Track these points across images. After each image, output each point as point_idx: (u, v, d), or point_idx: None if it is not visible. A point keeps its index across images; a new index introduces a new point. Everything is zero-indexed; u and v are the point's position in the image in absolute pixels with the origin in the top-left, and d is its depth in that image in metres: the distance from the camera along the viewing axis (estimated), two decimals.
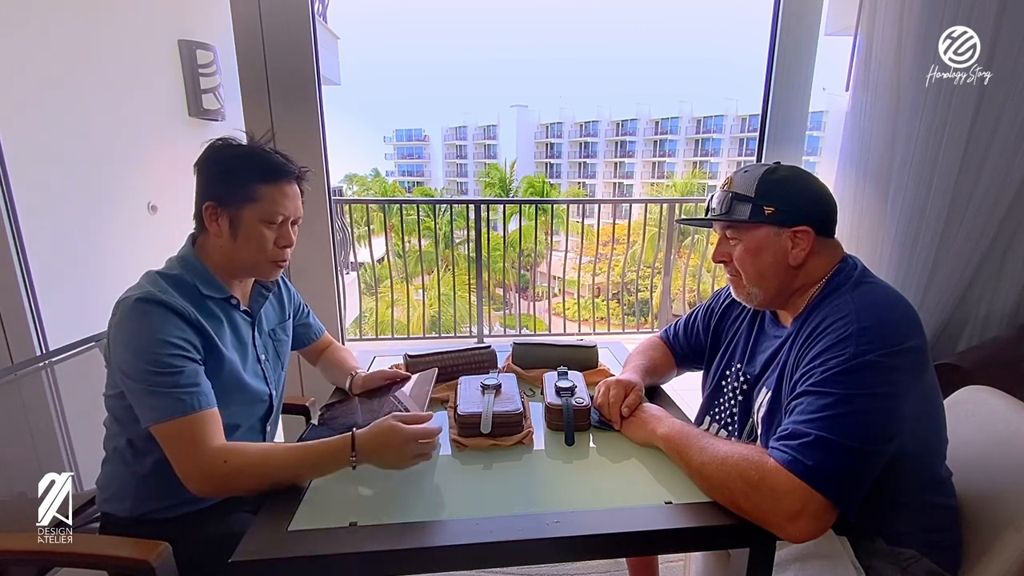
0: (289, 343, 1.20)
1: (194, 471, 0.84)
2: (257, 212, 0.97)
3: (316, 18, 1.64)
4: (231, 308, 1.02)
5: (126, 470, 0.97)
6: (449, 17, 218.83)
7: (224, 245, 0.98)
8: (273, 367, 1.11)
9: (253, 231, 0.97)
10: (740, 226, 0.93)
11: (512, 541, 0.72)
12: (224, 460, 0.84)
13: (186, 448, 0.85)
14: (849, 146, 1.57)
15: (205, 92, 2.55)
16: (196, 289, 0.96)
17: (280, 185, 0.98)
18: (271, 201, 0.97)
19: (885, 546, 0.86)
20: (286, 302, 1.20)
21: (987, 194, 1.43)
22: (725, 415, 1.05)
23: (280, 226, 1.00)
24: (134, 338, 0.87)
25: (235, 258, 0.99)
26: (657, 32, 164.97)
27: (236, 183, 0.96)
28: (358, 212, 5.29)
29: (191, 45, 2.46)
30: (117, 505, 0.98)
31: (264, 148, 1.00)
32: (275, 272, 1.05)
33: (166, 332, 0.87)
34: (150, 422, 0.86)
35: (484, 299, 3.61)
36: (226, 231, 0.97)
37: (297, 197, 1.03)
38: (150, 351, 0.86)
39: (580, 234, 3.97)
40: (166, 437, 0.86)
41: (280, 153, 1.01)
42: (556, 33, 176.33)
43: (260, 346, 1.08)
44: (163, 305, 0.88)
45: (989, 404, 1.02)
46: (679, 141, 43.85)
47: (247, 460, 0.85)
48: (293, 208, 1.01)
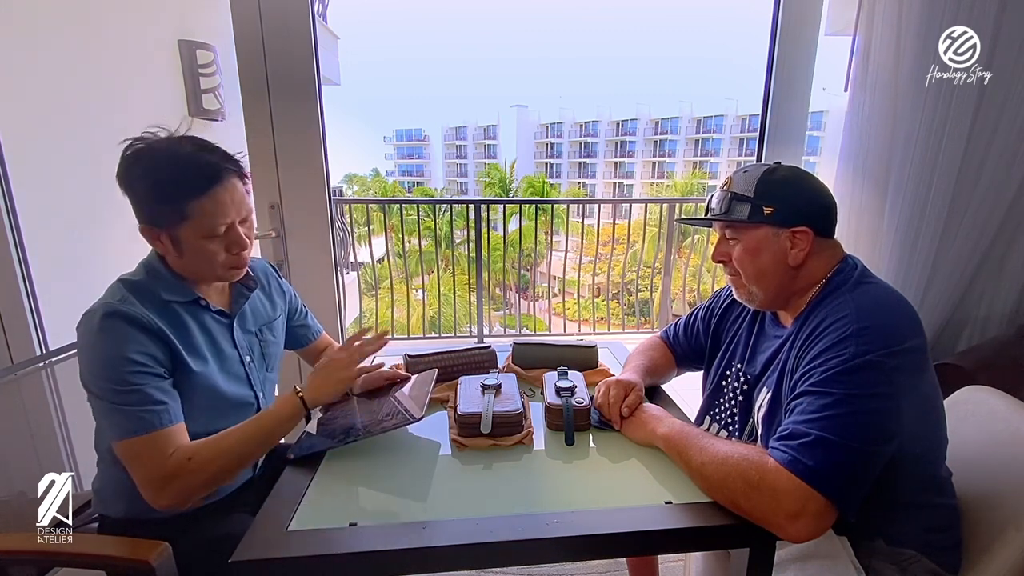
0: (280, 344, 1.15)
1: (157, 485, 0.84)
2: (193, 229, 0.88)
3: (316, 18, 1.64)
4: (200, 310, 0.97)
5: (119, 472, 0.95)
6: (449, 17, 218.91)
7: (175, 261, 0.93)
8: (259, 368, 1.07)
9: (196, 247, 0.90)
10: (739, 226, 0.93)
11: (512, 541, 0.72)
12: (189, 458, 0.85)
13: (147, 463, 0.84)
14: (849, 146, 1.57)
15: (205, 92, 2.55)
16: (159, 295, 0.91)
17: (213, 193, 0.87)
18: (205, 215, 0.87)
19: (885, 546, 0.86)
20: (277, 297, 1.16)
21: (987, 194, 1.43)
22: (725, 415, 1.05)
23: (226, 235, 0.92)
24: (95, 356, 0.85)
25: (191, 271, 0.94)
26: (657, 32, 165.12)
27: (162, 202, 0.86)
28: (358, 212, 5.29)
29: (191, 45, 2.46)
30: (112, 507, 0.98)
31: (185, 149, 0.88)
32: (236, 275, 0.99)
33: (126, 349, 0.84)
34: (111, 438, 0.85)
35: (484, 299, 3.61)
36: (171, 249, 0.90)
37: (239, 194, 0.92)
38: (111, 368, 0.84)
39: (580, 234, 3.97)
40: (127, 453, 0.85)
41: (207, 147, 0.90)
42: (556, 33, 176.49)
43: (243, 346, 1.04)
44: (121, 317, 0.85)
45: (989, 404, 1.02)
46: (679, 141, 43.84)
47: (208, 447, 0.87)
48: (236, 211, 0.91)
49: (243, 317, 1.05)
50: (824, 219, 0.92)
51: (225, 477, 0.90)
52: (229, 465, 0.89)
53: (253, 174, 1.65)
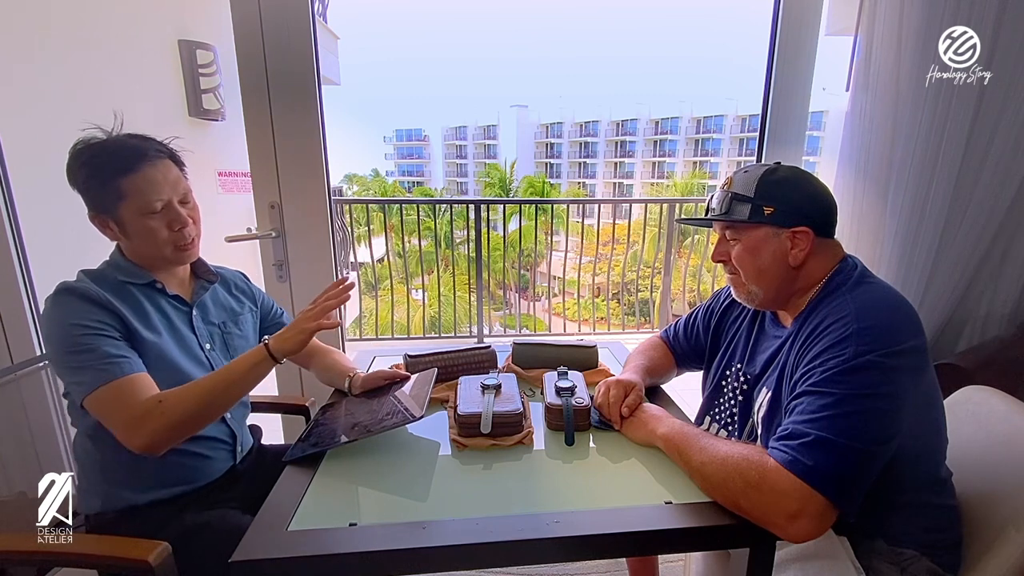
0: (246, 339, 1.17)
1: (133, 429, 0.86)
2: (132, 208, 0.94)
3: (316, 18, 1.64)
4: (156, 293, 1.02)
5: (89, 466, 0.99)
6: (449, 17, 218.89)
7: (126, 245, 0.99)
8: (221, 356, 1.10)
9: (139, 226, 0.96)
10: (739, 226, 0.93)
11: (512, 541, 0.72)
12: (159, 400, 0.88)
13: (118, 408, 0.87)
14: (849, 146, 1.57)
15: (205, 92, 2.55)
16: (115, 278, 0.98)
17: (143, 171, 0.94)
18: (139, 192, 0.94)
19: (885, 546, 0.86)
20: (245, 300, 1.20)
21: (987, 194, 1.43)
22: (725, 415, 1.05)
23: (164, 212, 0.97)
24: (52, 327, 0.90)
25: (141, 253, 1.00)
26: (657, 32, 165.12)
27: (99, 186, 0.93)
28: (358, 212, 5.29)
29: (191, 45, 2.46)
30: (89, 503, 0.99)
31: (116, 138, 0.96)
32: (183, 256, 1.02)
33: (77, 316, 0.89)
34: (79, 396, 0.88)
35: (484, 299, 3.61)
36: (119, 234, 0.97)
37: (172, 174, 0.98)
38: (65, 335, 0.88)
39: (580, 234, 3.97)
40: (97, 405, 0.88)
41: (137, 136, 0.98)
42: (556, 33, 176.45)
43: (203, 334, 1.08)
44: (73, 292, 0.91)
45: (989, 404, 1.02)
46: (679, 141, 43.85)
47: (178, 392, 0.90)
48: (171, 189, 0.97)
49: (203, 307, 1.10)
50: (824, 219, 0.92)
51: (196, 421, 0.92)
52: (199, 408, 0.91)
53: (253, 174, 1.66)
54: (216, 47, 2.58)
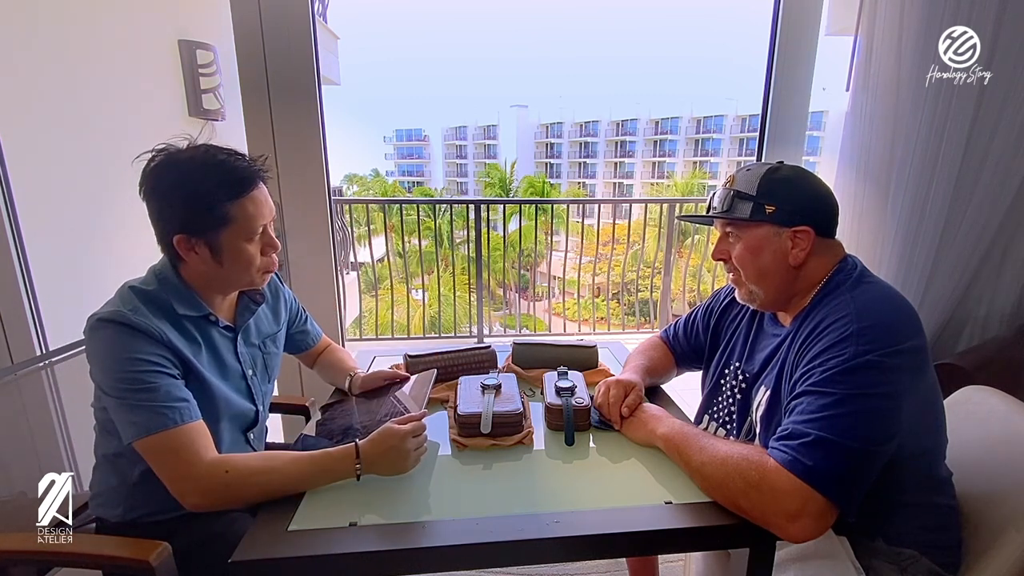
0: (279, 354, 1.15)
1: (190, 486, 0.82)
2: (235, 233, 0.90)
3: (316, 18, 1.64)
4: (209, 325, 0.97)
5: (116, 478, 0.95)
6: (449, 17, 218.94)
7: (208, 270, 0.92)
8: (261, 381, 1.07)
9: (237, 251, 0.91)
10: (741, 224, 0.93)
11: (512, 541, 0.72)
12: (225, 471, 0.82)
13: (174, 463, 0.82)
14: (849, 146, 1.57)
15: (205, 92, 2.54)
16: (171, 307, 0.91)
17: (251, 196, 0.90)
18: (247, 217, 0.90)
19: (885, 546, 0.86)
20: (282, 309, 1.16)
21: (987, 194, 1.43)
22: (723, 413, 1.05)
23: (262, 235, 0.94)
24: (106, 358, 0.84)
25: (223, 279, 0.94)
26: (657, 32, 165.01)
27: (203, 209, 0.87)
28: (358, 212, 5.30)
29: (191, 45, 2.46)
30: (110, 511, 0.97)
31: (217, 156, 0.90)
32: (266, 279, 1.00)
33: (137, 350, 0.84)
34: (131, 438, 0.83)
35: (484, 299, 3.61)
36: (208, 257, 0.90)
37: (268, 196, 0.95)
38: (123, 369, 0.83)
39: (580, 234, 3.97)
40: (150, 452, 0.83)
41: (237, 155, 0.92)
42: (556, 33, 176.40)
43: (247, 360, 1.03)
44: (134, 327, 0.84)
45: (989, 404, 1.02)
46: (679, 141, 43.84)
47: (251, 469, 0.83)
48: (268, 211, 0.94)
49: (247, 330, 1.05)
50: (826, 219, 0.91)
51: (253, 501, 0.84)
52: (261, 496, 0.83)
53: None
54: (216, 47, 2.58)
